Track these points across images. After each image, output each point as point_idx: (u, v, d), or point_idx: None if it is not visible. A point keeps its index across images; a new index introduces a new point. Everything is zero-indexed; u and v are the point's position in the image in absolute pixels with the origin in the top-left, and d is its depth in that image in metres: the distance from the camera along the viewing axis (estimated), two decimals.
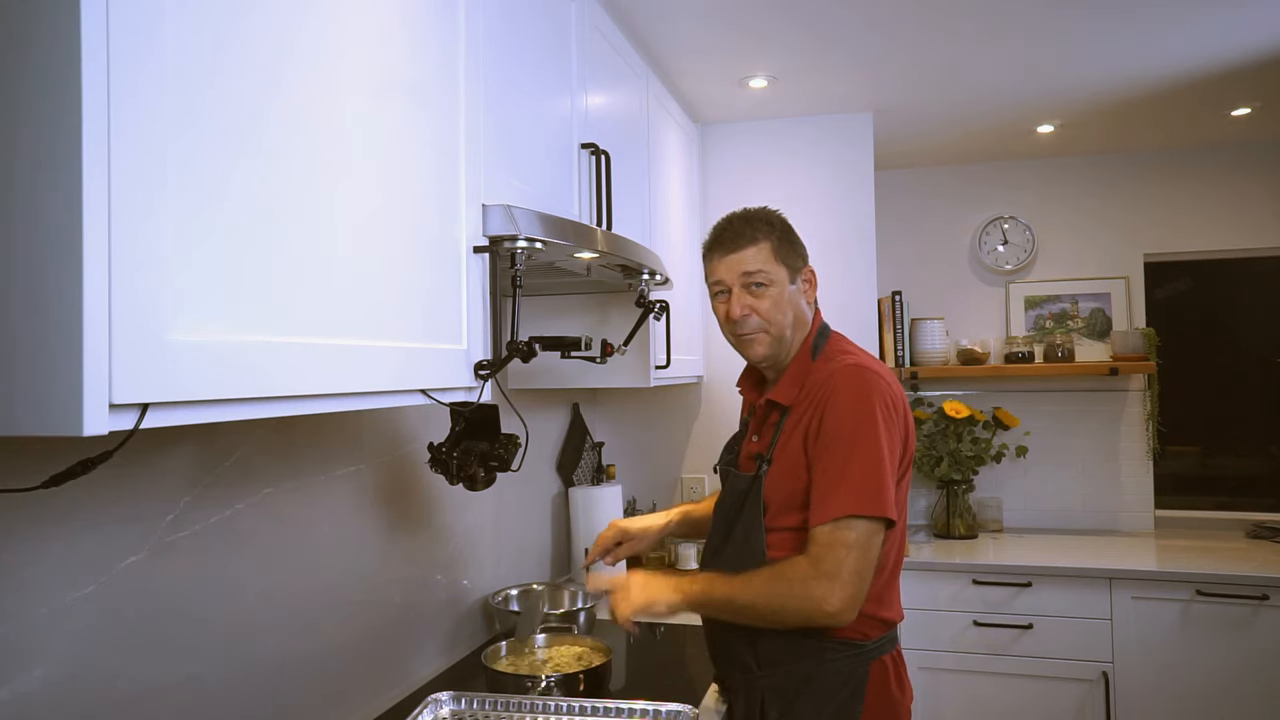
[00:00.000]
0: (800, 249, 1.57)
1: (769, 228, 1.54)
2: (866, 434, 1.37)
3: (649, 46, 2.36)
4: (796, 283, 1.55)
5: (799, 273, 1.55)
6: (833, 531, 1.34)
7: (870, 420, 1.38)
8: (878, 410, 1.39)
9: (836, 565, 1.33)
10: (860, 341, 1.77)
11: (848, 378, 1.43)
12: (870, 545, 1.35)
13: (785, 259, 1.53)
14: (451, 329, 1.22)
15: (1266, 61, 2.49)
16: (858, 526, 1.34)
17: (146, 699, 1.16)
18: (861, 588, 1.35)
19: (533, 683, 1.63)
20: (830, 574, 1.33)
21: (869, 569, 1.35)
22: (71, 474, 0.78)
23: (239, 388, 0.80)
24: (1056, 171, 3.51)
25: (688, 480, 3.09)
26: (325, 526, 1.56)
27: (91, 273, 0.65)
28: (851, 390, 1.41)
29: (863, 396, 1.40)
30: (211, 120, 0.79)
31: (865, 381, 1.42)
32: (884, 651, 1.47)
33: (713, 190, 3.06)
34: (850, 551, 1.33)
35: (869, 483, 1.35)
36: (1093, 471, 3.39)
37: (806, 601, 1.34)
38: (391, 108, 1.09)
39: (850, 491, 1.35)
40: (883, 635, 1.47)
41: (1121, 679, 2.70)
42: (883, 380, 1.43)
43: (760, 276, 1.51)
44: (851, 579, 1.33)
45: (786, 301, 1.52)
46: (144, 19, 0.71)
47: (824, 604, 1.32)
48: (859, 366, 1.44)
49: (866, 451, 1.36)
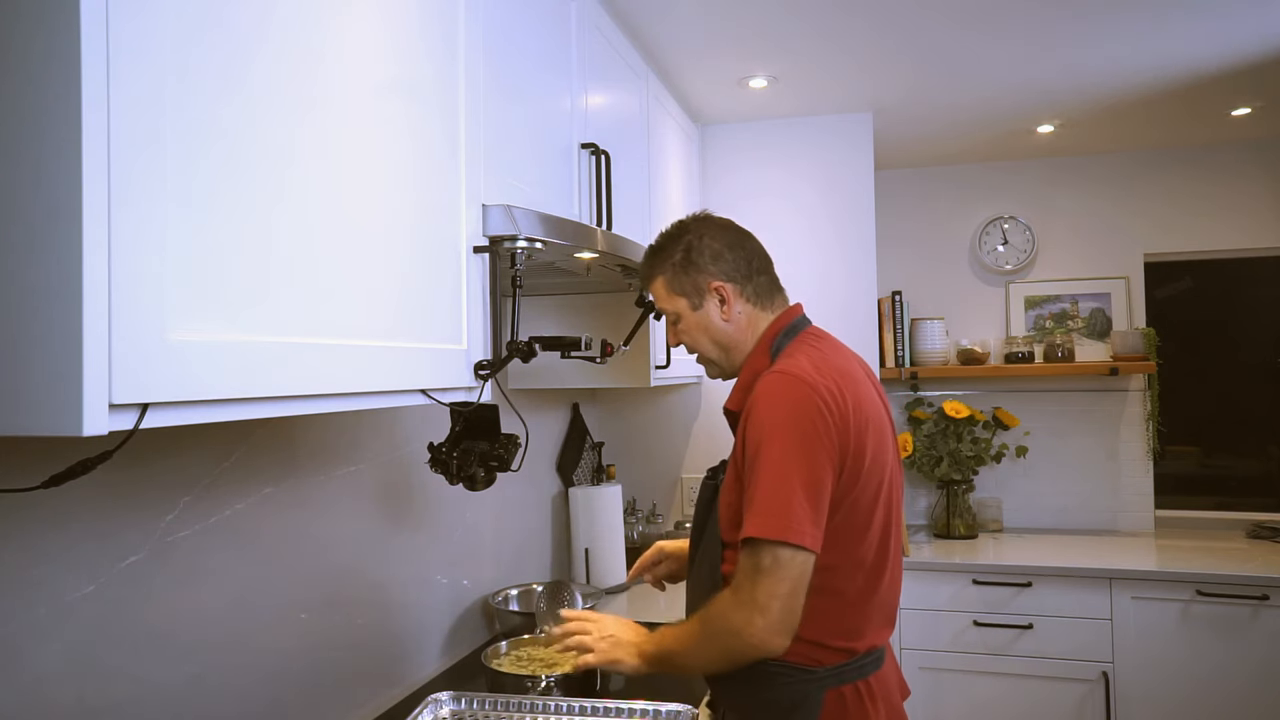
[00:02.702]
0: (702, 266, 1.44)
1: (665, 256, 1.47)
2: (773, 450, 1.25)
3: (649, 46, 2.36)
4: (704, 305, 1.45)
5: (703, 294, 1.45)
6: (746, 557, 1.25)
7: (779, 435, 1.25)
8: (790, 423, 1.25)
9: (750, 591, 1.23)
10: (860, 342, 1.76)
11: (765, 388, 1.30)
12: (784, 568, 1.23)
13: (680, 289, 1.46)
14: (451, 329, 1.22)
15: (1266, 61, 2.49)
16: (765, 552, 1.23)
17: (146, 699, 1.16)
18: (786, 613, 1.24)
19: (533, 683, 1.63)
20: (745, 602, 1.24)
21: (791, 592, 1.23)
22: (71, 474, 0.78)
23: (239, 388, 0.80)
24: (1056, 171, 3.51)
25: (688, 480, 3.09)
26: (325, 526, 1.56)
27: (91, 273, 0.65)
28: (764, 401, 1.29)
29: (774, 408, 1.27)
30: (211, 120, 0.79)
31: (781, 390, 1.29)
32: (845, 680, 1.32)
33: (713, 190, 3.06)
34: (763, 576, 1.23)
35: (772, 505, 1.23)
36: (1093, 471, 3.39)
37: (731, 636, 1.26)
38: (391, 108, 1.09)
39: (756, 514, 1.24)
40: (841, 663, 1.32)
41: (1121, 679, 2.70)
42: (805, 387, 1.27)
43: (666, 315, 1.50)
44: (768, 604, 1.22)
45: (697, 329, 1.47)
46: (143, 16, 0.71)
47: (743, 632, 1.24)
48: (780, 373, 1.31)
49: (771, 469, 1.24)
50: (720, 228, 1.49)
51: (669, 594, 2.57)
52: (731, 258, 1.46)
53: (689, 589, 1.52)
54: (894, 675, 1.44)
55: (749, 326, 1.46)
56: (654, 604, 2.47)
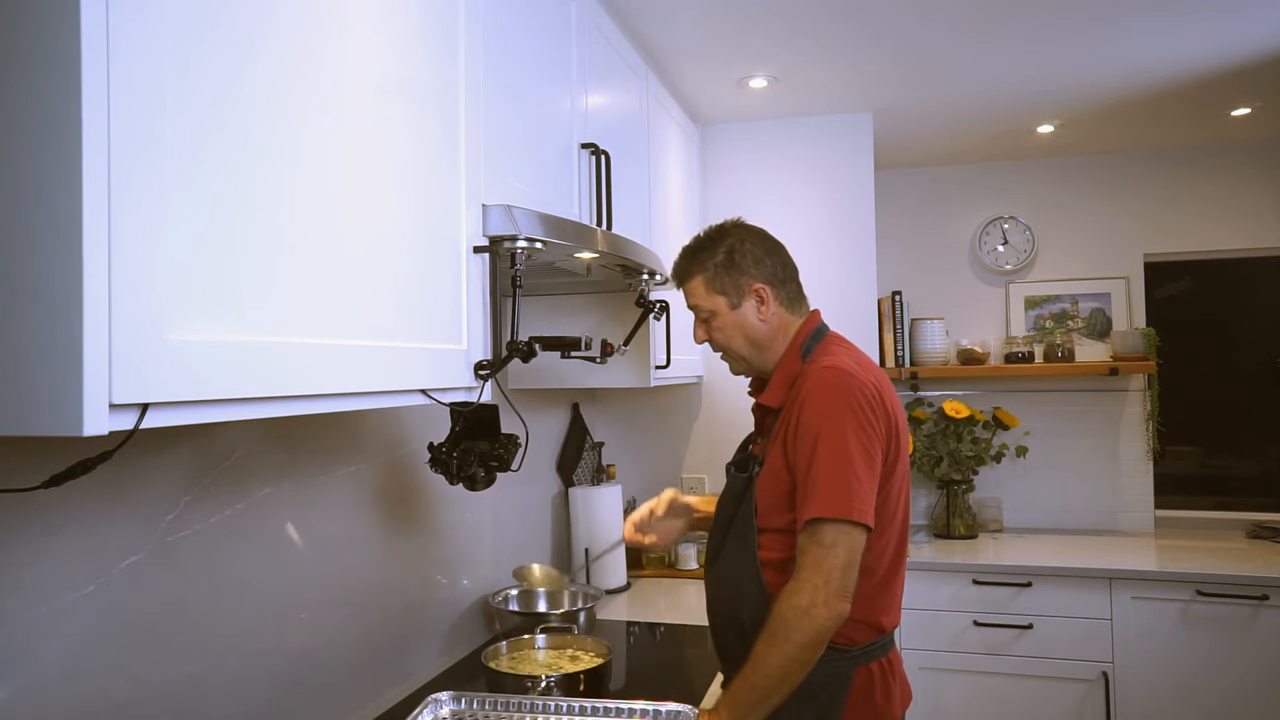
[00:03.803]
0: (745, 268, 1.55)
1: (707, 256, 1.56)
2: (832, 438, 1.36)
3: (649, 46, 2.36)
4: (742, 305, 1.55)
5: (743, 295, 1.55)
6: (808, 537, 1.34)
7: (837, 424, 1.37)
8: (847, 413, 1.37)
9: (812, 570, 1.32)
10: (860, 342, 1.77)
11: (818, 381, 1.42)
12: (845, 546, 1.33)
13: (721, 288, 1.55)
14: (451, 329, 1.22)
15: (1266, 61, 2.49)
16: (828, 530, 1.33)
17: (146, 699, 1.16)
18: (846, 580, 1.33)
19: (533, 683, 1.63)
20: (808, 579, 1.32)
21: (848, 563, 1.33)
22: (71, 474, 0.78)
23: (239, 388, 0.80)
24: (1056, 171, 3.51)
25: (688, 480, 3.09)
26: (325, 526, 1.56)
27: (91, 273, 0.65)
28: (820, 393, 1.40)
29: (831, 399, 1.39)
30: (211, 121, 0.79)
31: (835, 383, 1.40)
32: (871, 658, 1.45)
33: (713, 190, 3.06)
34: (825, 551, 1.32)
35: (835, 487, 1.34)
36: (1093, 471, 3.39)
37: (801, 617, 1.31)
38: (391, 107, 1.09)
39: (818, 496, 1.34)
40: (871, 641, 1.45)
41: (1121, 679, 2.70)
42: (856, 381, 1.40)
43: (700, 312, 1.59)
44: (830, 574, 1.32)
45: (733, 327, 1.56)
46: (143, 17, 0.71)
47: (812, 609, 1.31)
48: (832, 368, 1.43)
49: (831, 455, 1.35)
50: (759, 235, 1.60)
51: (669, 594, 2.57)
52: (770, 263, 1.58)
53: (715, 580, 1.56)
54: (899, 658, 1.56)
55: (781, 328, 1.57)
56: (654, 604, 2.47)
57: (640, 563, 2.90)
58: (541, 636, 1.86)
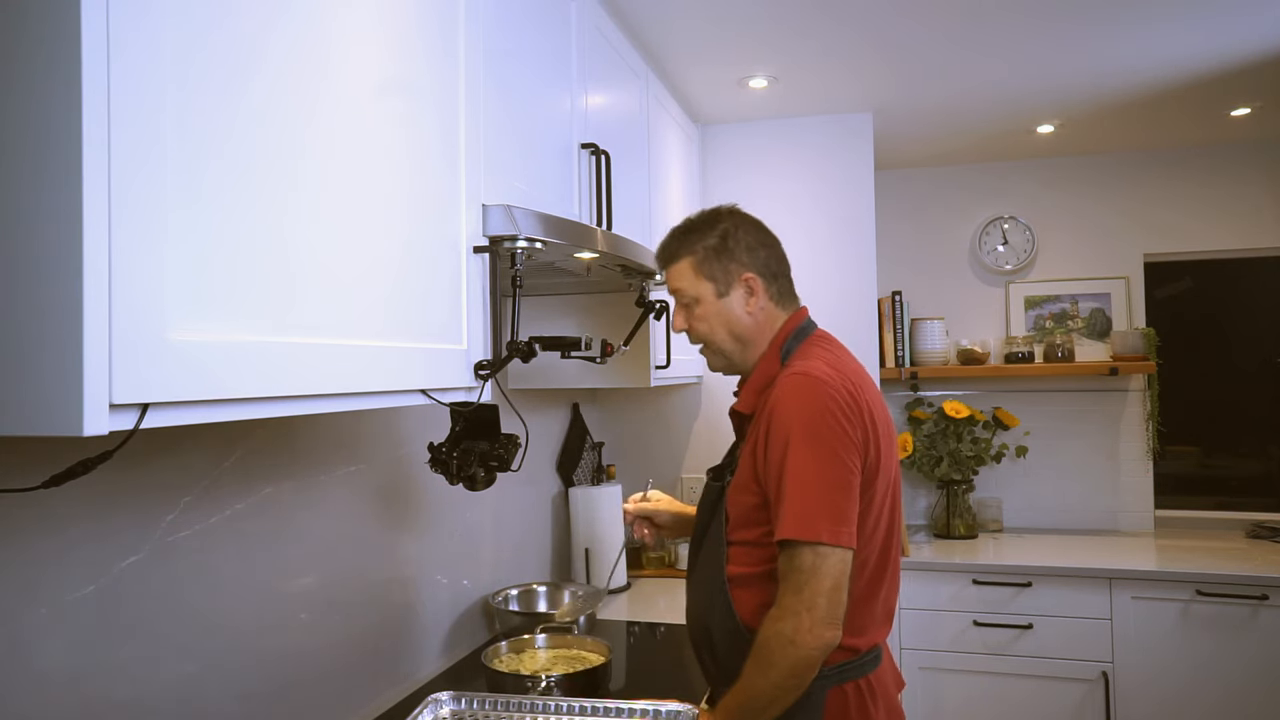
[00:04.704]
0: (737, 255, 1.45)
1: (698, 238, 1.47)
2: (801, 451, 1.26)
3: (649, 46, 2.36)
4: (730, 294, 1.45)
5: (732, 283, 1.45)
6: (786, 561, 1.27)
7: (807, 436, 1.27)
8: (818, 423, 1.27)
9: (795, 596, 1.24)
10: (860, 342, 1.76)
11: (786, 387, 1.32)
12: (827, 570, 1.24)
13: (709, 273, 1.45)
14: (451, 329, 1.22)
15: (1266, 61, 2.49)
16: (805, 553, 1.24)
17: (147, 699, 1.16)
18: (832, 606, 1.24)
19: (533, 683, 1.63)
20: (790, 607, 1.24)
21: (835, 587, 1.24)
22: (71, 474, 0.78)
23: (239, 388, 0.80)
24: (1056, 171, 3.51)
25: (688, 480, 3.09)
26: (325, 526, 1.56)
27: (92, 273, 0.65)
28: (788, 401, 1.30)
29: (799, 407, 1.28)
30: (211, 121, 0.79)
31: (803, 390, 1.30)
32: (846, 679, 1.34)
33: (713, 190, 3.06)
34: (807, 578, 1.24)
35: (807, 505, 1.25)
36: (1093, 471, 3.39)
37: (787, 646, 1.24)
38: (391, 107, 1.09)
39: (790, 516, 1.25)
40: (844, 661, 1.34)
41: (1121, 679, 2.70)
42: (827, 386, 1.29)
43: (683, 296, 1.48)
44: (814, 601, 1.23)
45: (716, 316, 1.46)
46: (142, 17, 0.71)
47: (797, 637, 1.23)
48: (802, 374, 1.32)
49: (801, 470, 1.26)
50: (755, 224, 1.52)
51: (669, 594, 2.57)
52: (764, 254, 1.48)
53: (690, 590, 1.52)
54: (890, 671, 1.46)
55: (766, 323, 1.48)
56: (654, 604, 2.47)
57: (640, 563, 2.90)
58: (541, 636, 1.86)
